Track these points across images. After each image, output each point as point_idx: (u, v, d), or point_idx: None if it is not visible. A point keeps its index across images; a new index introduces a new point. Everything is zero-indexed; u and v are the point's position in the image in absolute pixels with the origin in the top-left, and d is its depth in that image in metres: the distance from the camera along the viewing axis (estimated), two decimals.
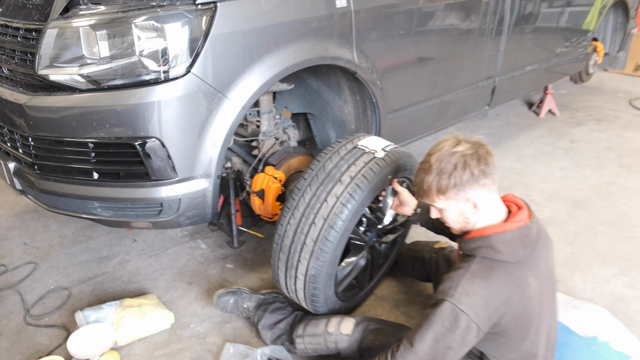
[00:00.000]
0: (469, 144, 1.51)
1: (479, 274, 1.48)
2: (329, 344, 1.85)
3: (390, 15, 2.30)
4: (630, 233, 2.70)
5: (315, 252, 1.77)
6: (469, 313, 1.43)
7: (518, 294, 1.48)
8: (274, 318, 2.03)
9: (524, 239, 1.50)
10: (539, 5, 3.23)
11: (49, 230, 2.89)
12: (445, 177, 1.49)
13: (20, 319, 2.22)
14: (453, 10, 2.63)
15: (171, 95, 1.74)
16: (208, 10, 1.72)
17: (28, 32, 1.88)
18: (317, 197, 1.80)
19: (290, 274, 1.87)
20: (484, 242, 1.51)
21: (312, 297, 1.87)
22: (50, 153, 1.90)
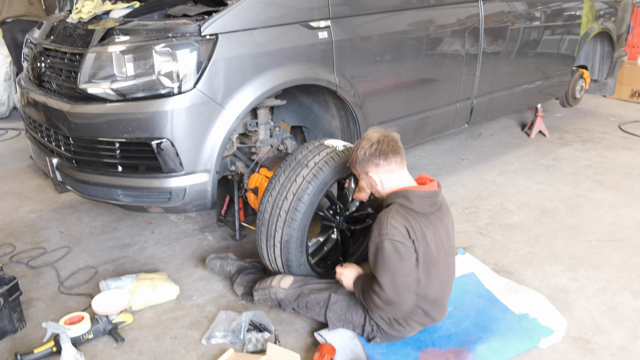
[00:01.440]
0: (379, 133, 2.02)
1: (398, 214, 1.94)
2: (271, 294, 2.32)
3: (367, 45, 2.74)
4: (587, 237, 3.02)
5: (287, 221, 2.22)
6: (402, 241, 1.90)
7: (421, 237, 1.93)
8: (247, 278, 2.52)
9: (431, 198, 1.98)
10: (514, 35, 3.62)
11: (81, 222, 3.38)
12: (352, 155, 2.06)
13: (55, 289, 2.69)
14: (427, 39, 3.05)
15: (181, 105, 2.21)
16: (211, 40, 2.20)
17: (73, 56, 2.39)
18: (288, 179, 2.26)
19: (269, 243, 2.30)
20: (401, 194, 1.99)
21: (287, 261, 2.30)
22: (85, 150, 2.39)
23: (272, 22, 2.36)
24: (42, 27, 2.84)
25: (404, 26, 2.90)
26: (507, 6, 3.51)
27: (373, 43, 2.77)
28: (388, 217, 1.93)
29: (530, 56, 3.88)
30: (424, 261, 1.97)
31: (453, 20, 3.16)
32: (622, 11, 4.77)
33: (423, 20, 3.00)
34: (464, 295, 2.44)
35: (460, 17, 3.19)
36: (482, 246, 2.97)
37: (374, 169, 2.02)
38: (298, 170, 2.27)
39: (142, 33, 2.25)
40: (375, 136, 2.01)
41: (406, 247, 1.90)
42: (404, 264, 1.91)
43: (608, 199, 3.50)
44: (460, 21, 3.19)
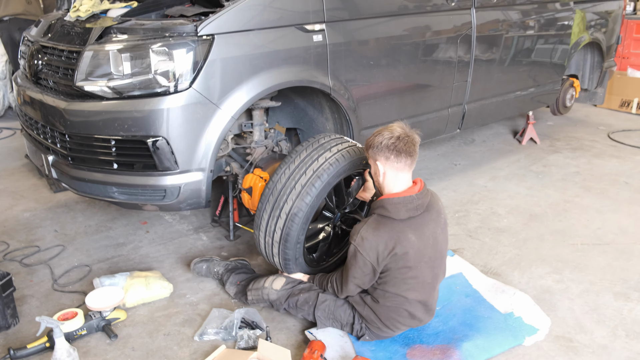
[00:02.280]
0: (403, 130, 2.07)
1: (372, 225, 2.02)
2: (264, 295, 2.38)
3: (361, 49, 2.80)
4: (573, 241, 3.08)
5: (301, 195, 2.24)
6: (362, 253, 2.01)
7: (396, 242, 1.98)
8: (239, 278, 2.56)
9: (407, 204, 2.02)
10: (505, 42, 3.69)
11: (76, 222, 3.40)
12: (371, 137, 2.10)
13: (49, 286, 2.71)
14: (420, 45, 3.11)
15: (176, 104, 2.25)
16: (207, 40, 2.25)
17: (70, 53, 2.43)
18: (310, 157, 2.31)
19: (274, 214, 2.29)
20: (380, 204, 2.06)
21: (286, 236, 2.28)
22: (81, 147, 2.42)
23: (268, 24, 2.41)
24: (40, 25, 2.88)
25: (397, 31, 2.96)
26: (499, 15, 3.59)
27: (367, 47, 2.83)
28: (363, 227, 2.06)
29: (522, 64, 3.95)
30: (401, 265, 2.03)
31: (446, 27, 3.22)
32: (612, 22, 4.86)
33: (416, 26, 3.06)
34: (451, 295, 2.49)
35: (453, 24, 3.26)
36: (472, 248, 3.01)
37: (383, 161, 2.06)
38: (321, 152, 2.32)
39: (140, 32, 2.29)
40: (398, 131, 2.05)
41: (364, 258, 2.02)
42: (357, 269, 2.07)
43: (594, 205, 3.56)
44: (452, 28, 3.26)
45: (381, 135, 2.06)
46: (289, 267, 2.40)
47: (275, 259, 2.40)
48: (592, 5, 4.52)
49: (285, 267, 2.40)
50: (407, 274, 2.03)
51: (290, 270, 2.42)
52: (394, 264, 2.01)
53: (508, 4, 3.64)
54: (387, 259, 2.01)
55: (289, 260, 2.36)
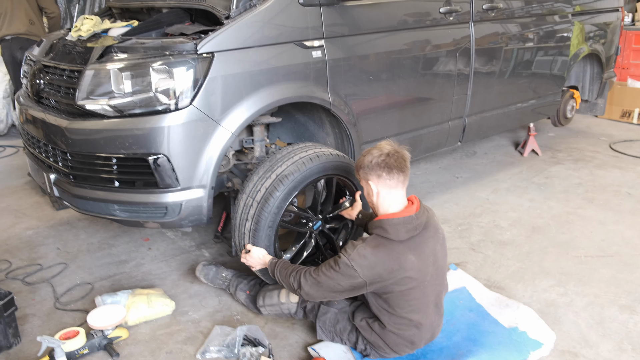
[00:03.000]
0: (391, 147, 2.06)
1: (371, 245, 1.98)
2: (283, 310, 2.39)
3: (360, 64, 2.81)
4: (576, 253, 3.06)
5: (264, 197, 2.38)
6: (357, 270, 1.95)
7: (398, 266, 1.95)
8: (249, 286, 2.58)
9: (407, 225, 1.99)
10: (504, 55, 3.71)
11: (78, 239, 3.41)
12: (360, 159, 2.10)
13: (51, 305, 2.70)
14: (419, 59, 3.13)
15: (177, 122, 2.26)
16: (207, 58, 2.26)
17: (71, 73, 2.45)
18: (271, 167, 2.46)
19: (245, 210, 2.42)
20: (378, 224, 2.02)
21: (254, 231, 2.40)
22: (82, 165, 2.43)
23: (267, 41, 2.43)
24: (42, 45, 2.91)
25: (396, 46, 2.98)
26: (497, 28, 3.61)
27: (366, 62, 2.85)
28: (361, 244, 2.00)
29: (521, 76, 3.97)
30: (404, 287, 1.99)
31: (445, 41, 3.24)
32: (611, 33, 4.89)
33: (415, 40, 3.08)
34: (455, 310, 2.47)
35: (451, 38, 3.28)
36: (475, 262, 3.00)
37: (375, 179, 2.04)
38: (300, 149, 2.49)
39: (140, 51, 2.31)
40: (387, 148, 2.05)
41: (356, 274, 1.96)
42: (341, 279, 1.99)
43: (597, 216, 3.55)
44: (451, 42, 3.28)
45: (370, 154, 2.05)
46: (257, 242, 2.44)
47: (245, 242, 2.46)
48: (590, 17, 4.55)
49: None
50: (411, 295, 2.01)
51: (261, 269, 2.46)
52: (397, 287, 1.99)
53: (506, 17, 3.66)
54: (386, 282, 1.98)
55: (258, 245, 2.42)
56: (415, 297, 2.03)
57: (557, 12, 4.11)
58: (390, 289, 1.99)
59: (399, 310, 2.04)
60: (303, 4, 2.51)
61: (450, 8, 3.20)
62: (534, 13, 3.89)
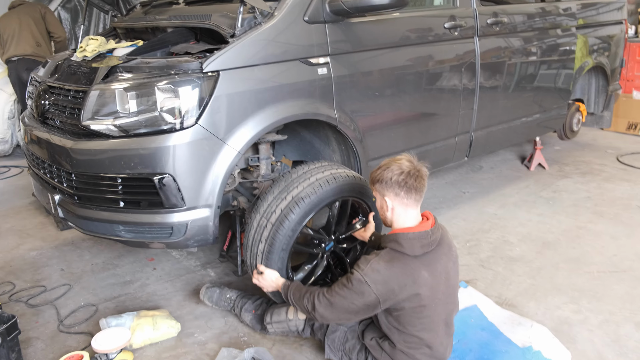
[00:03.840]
0: (411, 165, 2.02)
1: (385, 259, 1.94)
2: (291, 327, 2.35)
3: (366, 80, 2.79)
4: (588, 269, 3.01)
5: (279, 219, 2.34)
6: (371, 285, 1.90)
7: (411, 281, 1.91)
8: (255, 306, 2.54)
9: (422, 240, 1.96)
10: (510, 70, 3.69)
11: (82, 259, 3.37)
12: (379, 171, 2.04)
13: (54, 327, 2.66)
14: (425, 75, 3.11)
15: (182, 141, 2.24)
16: (212, 77, 2.25)
17: (76, 93, 2.44)
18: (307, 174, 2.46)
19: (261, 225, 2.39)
20: (393, 238, 1.99)
21: (268, 253, 2.36)
22: (87, 186, 2.41)
23: (273, 59, 2.42)
24: (47, 66, 2.91)
25: (402, 62, 2.97)
26: (502, 42, 3.60)
27: (372, 78, 2.83)
28: (374, 258, 1.96)
29: (527, 90, 3.95)
30: (416, 304, 1.95)
31: (450, 56, 3.23)
32: (615, 46, 4.87)
33: (420, 56, 3.06)
34: (467, 329, 2.41)
35: (456, 53, 3.26)
36: (485, 279, 2.95)
37: (392, 197, 2.00)
38: (319, 170, 2.47)
39: (145, 70, 2.30)
40: (407, 166, 2.00)
41: (370, 290, 1.91)
42: (356, 297, 1.94)
43: (608, 230, 3.50)
44: (456, 57, 3.26)
45: (390, 170, 2.00)
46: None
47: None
48: (594, 30, 4.54)
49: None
50: (422, 312, 1.96)
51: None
52: (408, 303, 1.94)
53: (510, 32, 3.65)
54: (398, 298, 1.94)
55: (271, 267, 2.38)
56: (426, 315, 1.99)
57: (561, 25, 4.11)
58: (402, 305, 1.95)
59: (409, 329, 1.99)
60: (308, 21, 2.51)
61: (454, 23, 3.19)
62: (538, 27, 3.88)
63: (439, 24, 3.15)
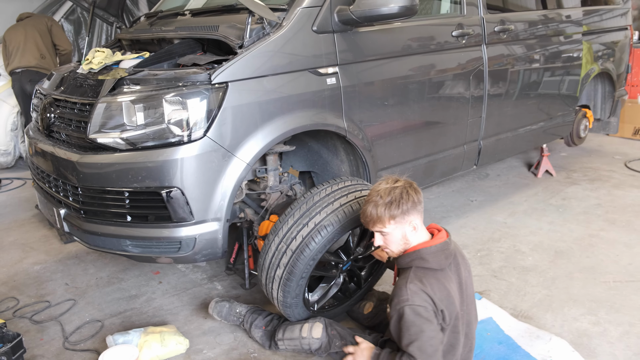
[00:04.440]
0: (404, 181, 1.97)
1: (417, 278, 1.89)
2: (304, 346, 2.28)
3: (375, 90, 2.76)
4: (604, 279, 2.95)
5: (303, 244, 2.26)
6: (424, 305, 1.83)
7: (445, 295, 1.86)
8: (265, 322, 2.48)
9: (445, 251, 1.93)
10: (518, 77, 3.66)
11: (87, 273, 3.32)
12: (395, 205, 1.92)
13: (60, 344, 2.60)
14: (433, 83, 3.08)
15: (191, 154, 2.20)
16: (221, 88, 2.21)
17: (83, 106, 2.40)
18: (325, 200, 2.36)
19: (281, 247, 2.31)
20: (416, 255, 1.93)
21: (289, 274, 2.27)
22: (94, 200, 2.36)
23: (281, 70, 2.38)
24: (52, 78, 2.87)
25: (410, 71, 2.93)
26: (509, 50, 3.56)
27: (380, 88, 2.79)
28: (407, 282, 1.89)
29: (534, 97, 3.91)
30: (455, 318, 1.91)
31: (458, 64, 3.19)
32: (619, 52, 4.84)
33: (428, 64, 3.03)
34: (483, 342, 2.36)
35: (464, 61, 3.23)
36: (498, 290, 2.89)
37: (417, 215, 1.95)
38: (339, 195, 2.35)
39: (152, 82, 2.26)
40: (403, 182, 1.97)
41: (427, 309, 1.83)
42: (429, 326, 1.83)
43: (622, 239, 3.44)
44: (464, 65, 3.23)
45: (402, 199, 1.91)
46: (287, 302, 2.35)
47: (275, 293, 2.36)
48: (597, 37, 4.51)
49: (284, 304, 2.36)
50: (457, 328, 1.92)
51: (288, 309, 2.38)
52: (448, 320, 1.89)
53: (517, 39, 3.62)
54: (444, 313, 1.87)
55: (289, 293, 2.32)
56: (452, 331, 1.94)
57: (566, 32, 4.08)
58: (446, 323, 1.89)
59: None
60: (317, 31, 2.47)
61: (462, 31, 3.16)
62: (544, 34, 3.85)
63: (447, 32, 3.12)
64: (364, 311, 2.60)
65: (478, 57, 3.32)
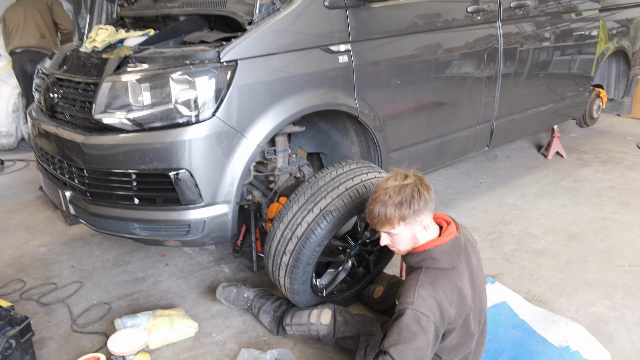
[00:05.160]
0: (414, 177, 1.83)
1: (428, 281, 1.78)
2: (312, 332, 2.26)
3: (387, 68, 2.67)
4: (619, 263, 2.90)
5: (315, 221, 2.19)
6: (427, 314, 1.73)
7: (457, 295, 1.79)
8: (274, 307, 2.44)
9: (456, 247, 1.84)
10: (532, 55, 3.56)
11: (93, 256, 3.28)
12: (405, 206, 1.77)
13: (68, 327, 2.57)
14: (447, 61, 2.99)
15: (199, 134, 2.13)
16: (230, 66, 2.13)
17: (87, 85, 2.32)
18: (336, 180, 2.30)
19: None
20: (426, 255, 1.83)
21: (298, 254, 2.22)
22: (100, 182, 2.30)
23: (292, 47, 2.30)
24: (54, 57, 2.79)
25: (424, 48, 2.84)
26: (524, 27, 3.45)
27: (393, 66, 2.70)
28: (417, 285, 1.78)
29: (548, 77, 3.81)
30: (466, 316, 1.84)
31: (472, 41, 3.09)
32: (634, 29, 4.72)
33: (443, 41, 2.93)
34: (498, 327, 2.32)
35: (479, 38, 3.13)
36: (511, 274, 2.84)
37: (428, 214, 1.83)
38: (345, 178, 2.29)
39: (159, 61, 2.18)
40: (414, 178, 1.82)
41: (428, 319, 1.73)
42: (422, 337, 1.72)
43: (636, 222, 3.38)
44: (479, 42, 3.13)
45: (413, 198, 1.77)
46: (294, 289, 2.30)
47: (282, 280, 2.31)
48: (611, 14, 4.38)
49: (291, 291, 2.31)
50: (469, 320, 1.86)
51: (295, 296, 2.33)
52: (458, 320, 1.82)
53: (533, 16, 3.51)
54: (452, 317, 1.79)
55: (295, 280, 2.27)
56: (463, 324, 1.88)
57: (583, 9, 3.95)
58: (453, 326, 1.82)
59: (455, 342, 1.89)
60: (328, 6, 2.38)
61: (477, 7, 3.05)
62: (560, 11, 3.73)
63: (462, 8, 3.01)
64: (374, 295, 2.56)
65: (493, 34, 3.22)
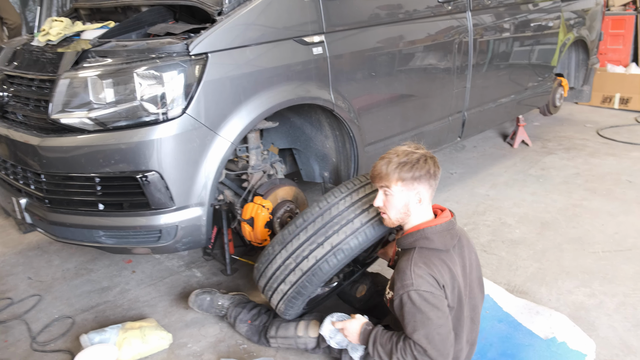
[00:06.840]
0: (426, 151, 1.82)
1: (421, 261, 1.74)
2: (299, 345, 2.14)
3: (362, 60, 2.58)
4: (593, 249, 2.93)
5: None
6: (429, 289, 1.69)
7: (450, 276, 1.75)
8: (251, 315, 2.31)
9: (450, 230, 1.81)
10: (501, 45, 3.55)
11: (52, 265, 3.06)
12: (408, 166, 1.76)
13: (27, 346, 2.37)
14: (420, 53, 2.93)
15: (169, 133, 1.99)
16: (200, 59, 1.99)
17: (42, 83, 2.14)
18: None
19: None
20: (420, 235, 1.79)
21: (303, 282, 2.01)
22: (60, 188, 2.13)
23: (265, 39, 2.18)
24: (3, 53, 2.56)
25: (398, 38, 2.77)
26: (493, 17, 3.44)
27: (368, 57, 2.62)
28: (410, 265, 1.73)
29: (517, 66, 3.83)
30: (458, 302, 1.79)
31: (445, 31, 3.05)
32: (589, 20, 4.80)
33: (417, 31, 2.88)
34: (483, 321, 2.26)
35: (449, 28, 3.09)
36: (490, 265, 2.82)
37: (427, 188, 1.78)
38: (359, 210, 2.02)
39: (122, 54, 2.02)
40: (422, 153, 1.80)
41: (435, 295, 1.68)
42: (436, 314, 1.68)
43: (604, 207, 3.43)
44: (451, 32, 3.09)
45: (425, 163, 1.77)
46: (287, 314, 2.13)
47: (275, 302, 2.12)
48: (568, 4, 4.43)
49: (284, 314, 2.14)
50: (461, 308, 1.81)
51: (285, 316, 2.17)
52: (451, 304, 1.77)
53: (501, 6, 3.50)
54: (448, 292, 1.75)
55: (292, 308, 2.10)
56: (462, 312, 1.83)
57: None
58: (452, 303, 1.77)
59: None
60: None
61: None
62: (528, 1, 3.74)
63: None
64: (357, 294, 2.47)
65: (463, 24, 3.19)
